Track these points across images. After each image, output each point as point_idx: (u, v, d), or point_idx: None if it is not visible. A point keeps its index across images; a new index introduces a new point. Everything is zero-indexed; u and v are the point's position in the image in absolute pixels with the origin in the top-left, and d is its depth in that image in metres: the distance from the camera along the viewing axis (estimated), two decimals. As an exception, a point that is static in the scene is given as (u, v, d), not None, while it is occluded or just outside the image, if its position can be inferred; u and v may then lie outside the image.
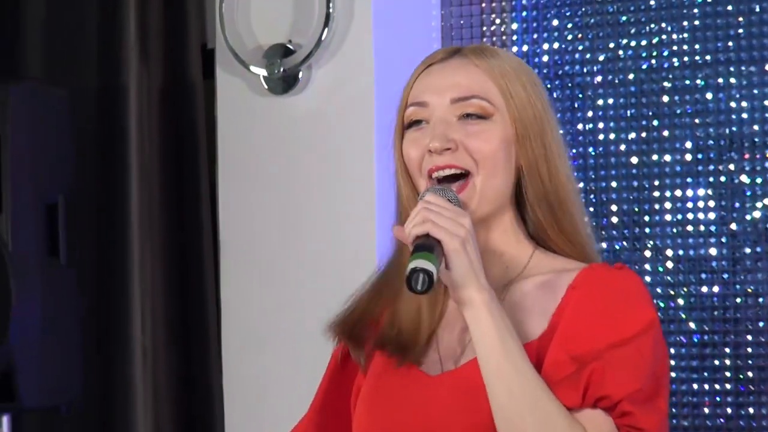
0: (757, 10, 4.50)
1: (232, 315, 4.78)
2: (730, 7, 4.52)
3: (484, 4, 4.83)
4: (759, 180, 4.50)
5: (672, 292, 4.63)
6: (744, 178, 4.51)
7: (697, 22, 4.60)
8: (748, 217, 4.51)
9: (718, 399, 4.53)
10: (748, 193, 4.49)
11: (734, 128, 4.52)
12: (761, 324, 4.48)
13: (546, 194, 2.92)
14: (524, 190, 2.93)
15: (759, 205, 4.49)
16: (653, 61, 4.63)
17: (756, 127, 4.49)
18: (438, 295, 2.97)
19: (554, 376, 2.80)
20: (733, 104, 4.52)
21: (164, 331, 5.03)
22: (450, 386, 2.88)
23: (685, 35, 4.60)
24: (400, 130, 2.91)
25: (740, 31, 4.52)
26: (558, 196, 2.93)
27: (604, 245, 4.72)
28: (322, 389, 3.19)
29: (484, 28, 4.82)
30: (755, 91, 4.50)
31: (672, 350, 4.57)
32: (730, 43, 4.54)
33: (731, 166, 4.52)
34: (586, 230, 3.02)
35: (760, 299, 4.47)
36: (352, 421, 3.10)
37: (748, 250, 4.49)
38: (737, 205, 4.51)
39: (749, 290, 4.48)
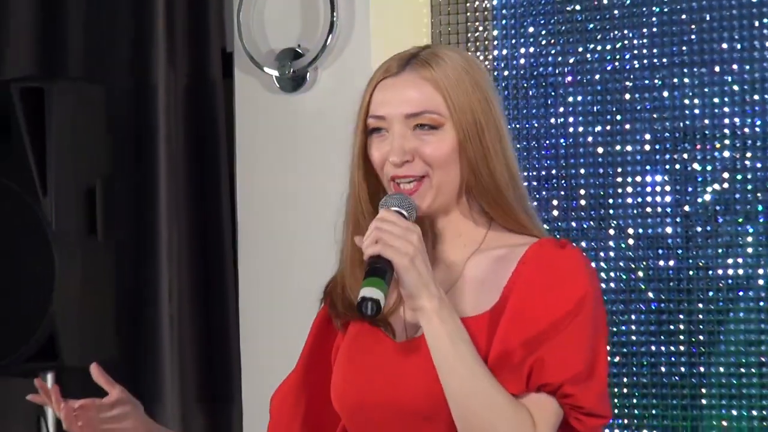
0: (707, 18, 4.49)
1: (249, 286, 4.85)
2: (684, 16, 4.52)
3: (468, 14, 4.82)
4: (709, 167, 4.51)
5: (633, 266, 4.65)
6: (696, 166, 4.52)
7: (655, 29, 4.61)
8: (699, 200, 4.52)
9: (673, 359, 4.55)
10: (699, 179, 4.51)
11: (687, 122, 4.54)
12: (711, 293, 4.49)
13: (486, 189, 2.96)
14: (469, 185, 2.99)
15: (709, 189, 4.50)
16: (616, 64, 4.65)
17: (706, 121, 4.50)
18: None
19: (502, 364, 2.84)
20: (686, 101, 4.54)
21: (188, 300, 5.05)
22: (411, 352, 2.94)
23: (645, 41, 4.61)
24: (362, 133, 2.96)
25: (693, 37, 4.52)
26: (497, 189, 2.96)
27: (573, 224, 4.74)
28: (307, 348, 3.21)
29: (468, 35, 4.82)
30: (705, 90, 4.52)
31: (633, 316, 4.64)
32: (684, 48, 4.55)
33: (684, 155, 4.54)
34: (527, 212, 3.04)
35: (710, 272, 4.49)
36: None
37: (699, 229, 4.52)
38: (690, 189, 4.52)
39: (700, 264, 4.50)
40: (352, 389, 2.99)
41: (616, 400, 4.73)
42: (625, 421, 4.73)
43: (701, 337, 4.54)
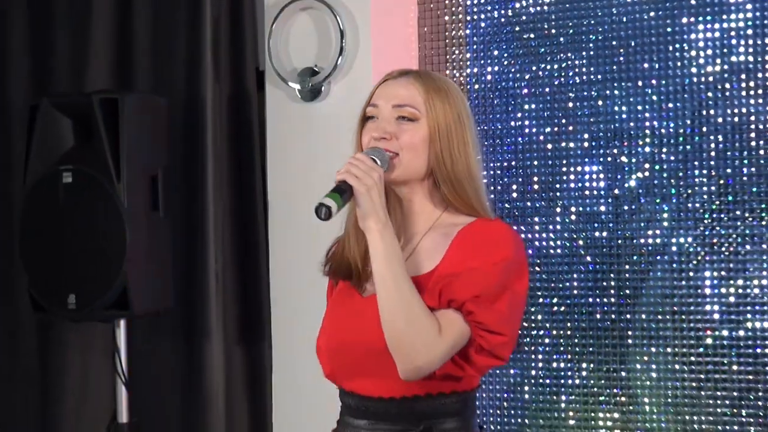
0: (632, 44, 4.51)
1: (277, 251, 4.92)
2: (614, 42, 4.54)
3: (447, 41, 4.83)
4: (633, 160, 4.54)
5: (574, 236, 4.67)
6: (623, 158, 4.56)
7: (591, 52, 4.62)
8: (626, 185, 4.56)
9: (605, 309, 4.59)
10: (626, 169, 4.55)
11: (616, 125, 4.57)
12: (635, 257, 4.53)
13: (447, 178, 3.06)
14: (434, 173, 3.08)
15: (633, 177, 4.54)
16: (562, 79, 4.66)
17: (632, 124, 4.53)
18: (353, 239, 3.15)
19: (423, 288, 2.97)
20: (616, 108, 4.57)
21: (230, 262, 5.09)
22: (368, 304, 3.04)
23: (584, 61, 4.63)
24: (361, 120, 3.09)
25: (621, 58, 4.55)
26: (457, 180, 3.07)
27: (528, 204, 4.75)
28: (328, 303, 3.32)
29: (447, 57, 4.83)
30: (631, 99, 4.53)
31: (574, 275, 4.66)
32: (614, 67, 4.57)
33: (615, 150, 4.58)
34: (480, 202, 3.12)
35: (634, 240, 4.54)
36: None
37: (626, 207, 4.56)
38: (619, 176, 4.57)
39: (627, 234, 4.55)
40: (331, 334, 3.14)
41: (561, 341, 4.73)
42: (569, 356, 4.70)
43: (627, 291, 4.56)
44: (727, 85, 4.39)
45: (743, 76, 4.37)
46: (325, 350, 3.14)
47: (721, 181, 4.43)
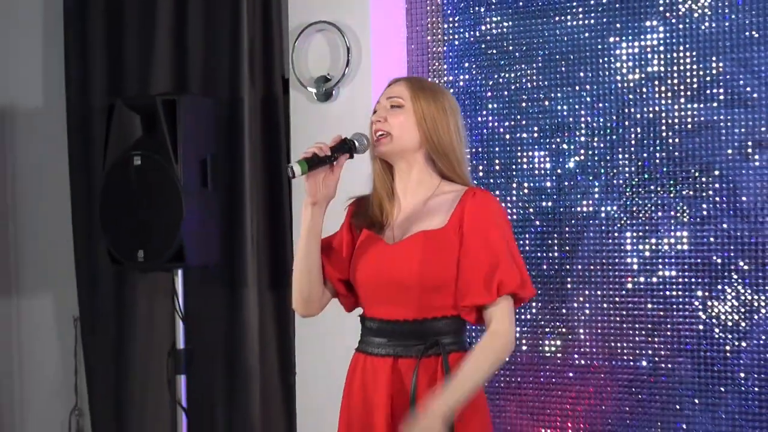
0: (571, 57, 4.52)
1: (298, 221, 4.70)
2: (557, 56, 4.55)
3: (429, 55, 4.82)
4: (572, 147, 4.54)
5: (527, 205, 4.66)
6: (564, 146, 4.57)
7: (540, 64, 4.61)
8: (566, 166, 4.58)
9: (550, 261, 4.62)
10: (566, 153, 4.57)
11: (559, 120, 4.57)
12: (573, 221, 4.54)
13: (436, 150, 3.16)
14: (427, 149, 3.17)
15: (572, 160, 4.56)
16: (517, 85, 4.67)
17: (570, 119, 4.54)
18: (392, 197, 3.23)
19: (436, 238, 3.08)
20: (558, 107, 4.57)
21: (263, 226, 5.02)
22: (396, 250, 3.12)
23: (534, 71, 4.63)
24: (372, 113, 3.23)
25: (563, 68, 4.55)
26: (444, 153, 3.17)
27: (491, 181, 4.74)
28: (342, 228, 3.32)
29: (429, 67, 4.84)
30: (570, 100, 4.54)
31: (525, 236, 4.67)
32: (558, 75, 4.57)
33: (558, 139, 4.59)
34: (463, 168, 3.22)
35: (572, 209, 4.55)
36: (342, 253, 3.27)
37: (566, 183, 4.57)
38: (560, 159, 4.58)
39: (567, 204, 4.56)
40: (362, 272, 3.17)
41: None
42: None
43: (567, 248, 4.59)
44: (644, 89, 4.41)
45: (656, 83, 4.38)
46: (361, 282, 3.18)
47: (639, 163, 4.43)
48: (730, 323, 4.28)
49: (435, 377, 3.06)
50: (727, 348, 4.27)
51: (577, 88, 4.56)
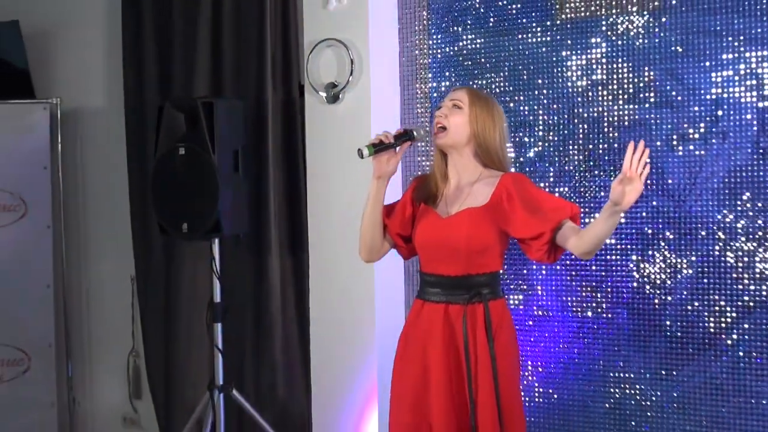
0: (531, 68, 4.49)
1: (312, 199, 4.82)
2: (520, 66, 4.51)
3: (417, 67, 4.76)
4: (532, 140, 4.50)
5: None
6: (525, 138, 4.55)
7: (506, 73, 4.56)
8: (527, 155, 4.56)
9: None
10: (527, 146, 4.54)
11: (521, 118, 4.54)
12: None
13: (480, 146, 3.30)
14: (476, 144, 3.30)
15: (532, 150, 4.53)
16: (488, 89, 4.57)
17: (531, 117, 4.49)
18: (445, 178, 3.35)
19: (483, 214, 3.22)
20: (521, 108, 4.54)
21: (283, 203, 5.01)
22: (447, 223, 3.27)
23: (502, 79, 4.58)
24: (436, 109, 3.38)
25: (525, 77, 4.50)
26: (486, 147, 3.30)
27: None
28: (403, 198, 3.47)
29: (417, 76, 4.77)
30: (530, 102, 4.52)
31: None
32: (519, 82, 4.52)
33: (520, 134, 4.55)
34: (503, 161, 3.35)
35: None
36: (403, 214, 3.41)
37: (527, 169, 4.52)
38: (522, 150, 4.55)
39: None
40: (422, 237, 3.33)
41: None
42: None
43: None
44: (590, 93, 4.38)
45: (599, 88, 4.36)
46: (421, 245, 3.33)
47: (586, 153, 4.41)
48: (658, 281, 4.28)
49: (476, 320, 3.21)
50: (656, 301, 4.28)
51: (536, 92, 4.54)
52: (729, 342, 4.10)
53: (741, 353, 4.07)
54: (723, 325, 4.11)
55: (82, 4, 5.68)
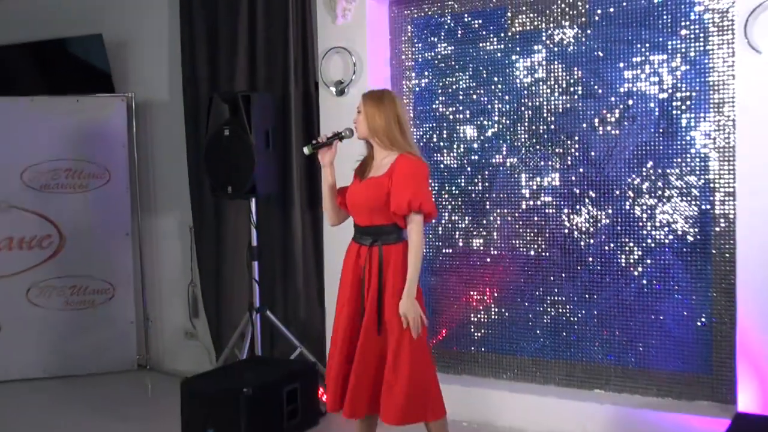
0: (489, 68, 4.41)
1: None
2: (480, 68, 4.42)
3: (403, 67, 4.70)
4: (489, 123, 4.43)
5: (462, 159, 4.48)
6: (485, 122, 4.45)
7: (470, 73, 4.47)
8: (485, 135, 4.42)
9: (477, 192, 4.49)
10: (486, 127, 4.45)
11: (482, 106, 4.43)
12: (490, 168, 4.41)
13: (374, 135, 3.15)
14: (379, 137, 3.15)
15: (489, 131, 4.43)
16: (456, 86, 4.54)
17: (489, 106, 4.40)
18: (371, 160, 3.19)
19: (381, 183, 3.07)
20: (482, 99, 4.45)
21: (303, 171, 4.93)
22: (360, 187, 3.16)
23: (467, 77, 4.51)
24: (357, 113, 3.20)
25: (484, 76, 4.43)
26: (379, 135, 3.14)
27: (441, 144, 4.61)
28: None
29: (403, 75, 4.70)
30: (489, 95, 4.42)
31: (462, 177, 4.53)
32: (481, 80, 4.44)
33: (481, 119, 4.47)
34: (400, 144, 3.11)
35: (491, 160, 4.41)
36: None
37: (486, 145, 4.44)
38: (482, 130, 4.44)
39: (486, 157, 4.42)
40: (348, 198, 3.21)
41: (459, 212, 4.57)
42: (458, 216, 4.58)
43: (487, 183, 4.45)
44: (533, 88, 4.33)
45: (541, 84, 4.30)
46: (349, 206, 3.22)
47: (530, 133, 4.35)
48: (583, 228, 4.26)
49: (376, 258, 3.09)
50: (582, 243, 4.26)
51: (492, 87, 4.49)
52: (636, 273, 4.11)
53: (644, 281, 4.09)
54: (631, 260, 4.12)
55: (150, 20, 5.61)
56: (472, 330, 4.54)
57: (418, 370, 3.00)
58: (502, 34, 4.43)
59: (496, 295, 4.48)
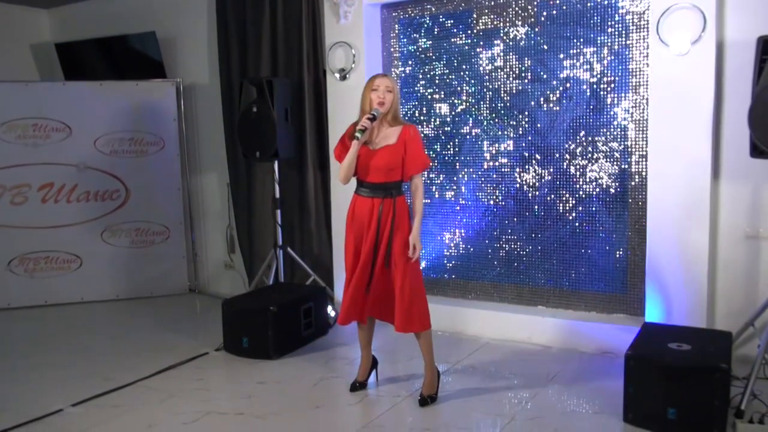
0: (455, 58, 4.33)
1: (332, 139, 4.56)
2: (452, 58, 4.33)
3: (392, 58, 4.61)
4: (458, 101, 4.37)
5: (437, 130, 4.52)
6: (455, 101, 4.37)
7: (445, 62, 4.40)
8: (455, 111, 4.44)
9: (449, 156, 4.45)
10: (456, 105, 4.40)
11: (452, 89, 4.36)
12: (460, 136, 4.38)
13: (394, 110, 3.07)
14: (392, 112, 3.07)
15: (458, 108, 4.39)
16: (433, 72, 4.46)
17: (458, 89, 4.33)
18: (373, 131, 3.07)
19: (391, 151, 3.00)
20: (453, 83, 4.38)
21: (314, 138, 4.76)
22: (376, 153, 3.03)
23: (443, 65, 4.44)
24: (369, 90, 3.05)
25: (455, 64, 4.37)
26: (396, 111, 3.08)
27: (422, 118, 4.56)
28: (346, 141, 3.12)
29: (392, 64, 4.62)
30: (459, 80, 4.36)
31: (438, 144, 4.49)
32: (454, 67, 4.37)
33: (452, 98, 4.41)
34: (401, 119, 3.09)
35: (460, 131, 4.37)
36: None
37: (456, 120, 4.39)
38: (453, 108, 4.40)
39: (456, 128, 4.39)
40: (361, 163, 3.05)
41: (443, 173, 4.52)
42: (443, 175, 4.52)
43: (457, 148, 4.41)
44: (494, 74, 4.27)
45: (499, 70, 4.24)
46: (366, 169, 3.05)
47: (491, 109, 4.30)
48: (531, 183, 4.23)
49: (391, 208, 3.05)
50: (530, 195, 4.24)
51: (461, 73, 4.43)
52: (570, 218, 4.11)
53: (577, 224, 4.10)
54: (567, 207, 4.12)
55: (194, 21, 5.49)
56: (445, 262, 4.56)
57: (418, 293, 3.02)
58: (469, 31, 4.39)
59: (463, 234, 4.48)
